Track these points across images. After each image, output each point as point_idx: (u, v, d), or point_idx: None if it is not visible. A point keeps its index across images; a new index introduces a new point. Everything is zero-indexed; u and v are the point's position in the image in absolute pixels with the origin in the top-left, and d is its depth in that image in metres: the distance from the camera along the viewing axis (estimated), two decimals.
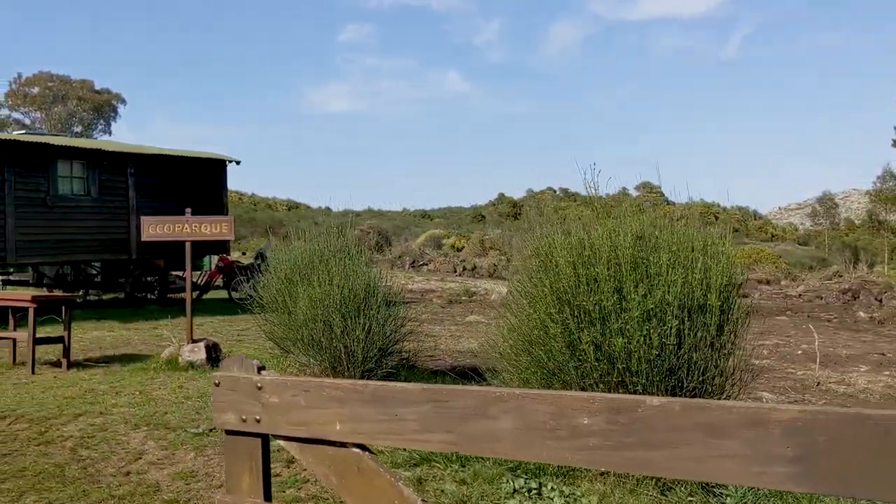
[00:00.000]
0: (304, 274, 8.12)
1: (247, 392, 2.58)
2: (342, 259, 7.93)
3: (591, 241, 4.83)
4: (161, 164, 16.32)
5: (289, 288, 8.31)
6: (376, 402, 2.29)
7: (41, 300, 9.35)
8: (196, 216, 10.10)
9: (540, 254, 5.09)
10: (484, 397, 2.10)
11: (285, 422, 2.49)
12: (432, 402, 2.19)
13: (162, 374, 9.07)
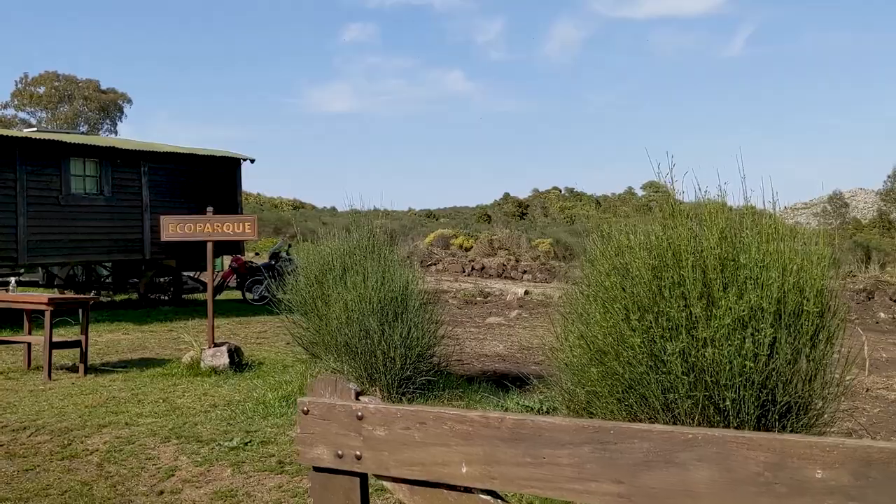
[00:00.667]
0: (337, 275, 7.68)
1: (344, 423, 2.14)
2: (377, 260, 7.50)
3: (672, 241, 4.39)
4: (175, 163, 15.89)
5: (319, 290, 7.87)
6: (517, 440, 1.85)
7: (58, 302, 8.93)
8: (218, 215, 9.68)
9: (612, 255, 4.65)
10: (668, 439, 1.67)
11: (394, 460, 2.05)
12: (594, 442, 1.75)
13: (184, 381, 8.65)
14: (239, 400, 7.59)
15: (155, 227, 15.26)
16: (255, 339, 12.57)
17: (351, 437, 2.12)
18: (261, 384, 8.27)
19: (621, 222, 5.04)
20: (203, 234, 9.56)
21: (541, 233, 40.91)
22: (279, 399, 7.32)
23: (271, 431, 6.12)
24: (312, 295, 7.92)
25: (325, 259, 8.00)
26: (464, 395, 7.27)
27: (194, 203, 15.73)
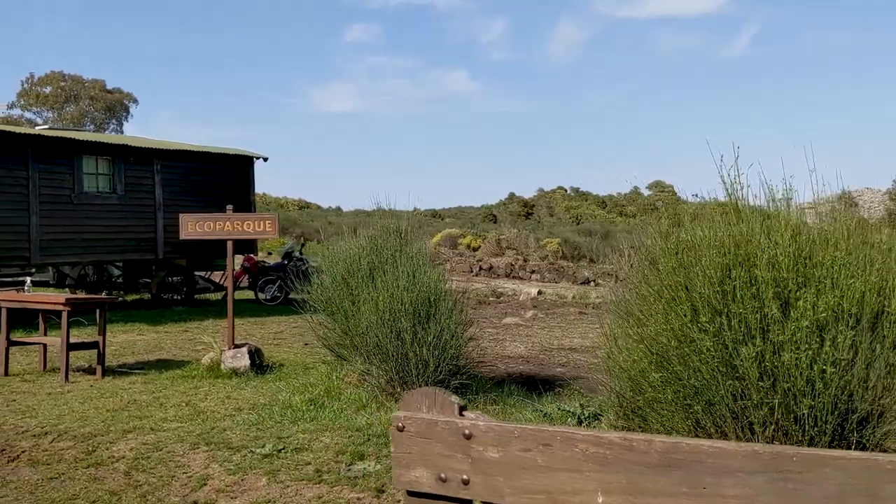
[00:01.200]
0: (364, 275, 7.42)
1: (448, 441, 1.87)
2: (407, 259, 7.23)
3: (742, 237, 4.11)
4: (188, 161, 15.62)
5: (345, 290, 7.61)
6: (670, 466, 1.58)
7: (76, 303, 8.66)
8: (238, 213, 9.43)
9: (676, 253, 4.37)
10: (869, 468, 1.40)
11: (510, 487, 1.78)
12: (771, 471, 1.47)
13: (205, 383, 8.38)
14: (264, 403, 7.32)
15: (168, 226, 15.03)
16: (271, 339, 12.30)
17: (457, 459, 1.85)
18: (284, 387, 8.01)
19: (686, 221, 4.75)
20: (223, 232, 9.30)
21: (549, 232, 40.61)
22: (306, 402, 7.05)
23: (304, 437, 5.85)
24: (339, 295, 7.66)
25: (352, 258, 7.73)
26: (498, 398, 7.00)
27: (208, 202, 15.45)
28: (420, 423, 1.91)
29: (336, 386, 7.42)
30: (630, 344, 4.57)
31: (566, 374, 9.87)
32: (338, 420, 6.43)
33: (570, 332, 14.22)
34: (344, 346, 7.68)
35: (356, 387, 7.34)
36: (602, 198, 66.90)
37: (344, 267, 7.66)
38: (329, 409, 6.84)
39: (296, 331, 13.41)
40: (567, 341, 12.99)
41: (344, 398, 7.10)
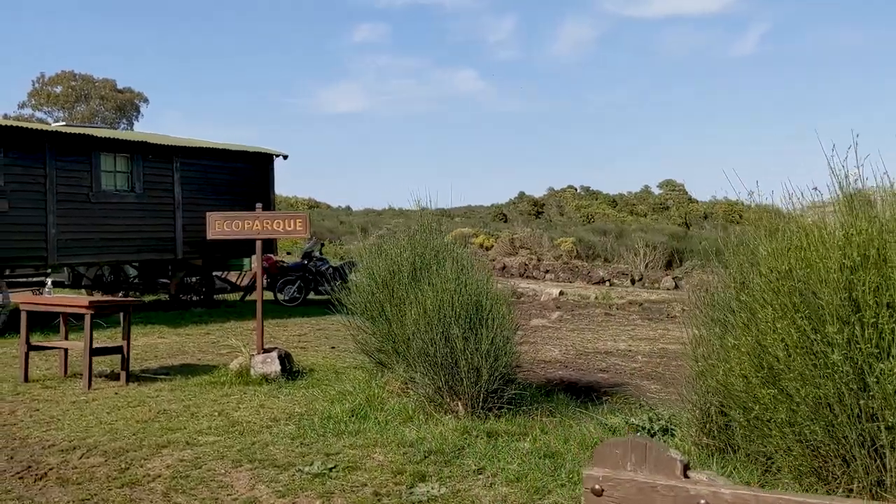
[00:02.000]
0: (406, 277, 6.94)
1: None
2: (453, 260, 6.76)
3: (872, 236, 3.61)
4: (207, 158, 15.16)
5: (386, 293, 7.13)
6: None
7: (99, 306, 8.21)
8: (267, 212, 8.98)
9: (790, 254, 3.87)
10: None
11: None
12: None
13: (236, 390, 7.92)
14: (301, 413, 6.86)
15: (187, 225, 14.58)
16: (296, 342, 11.84)
17: None
18: (320, 395, 7.54)
19: (807, 216, 4.26)
20: (252, 231, 8.84)
21: (562, 232, 40.10)
22: (347, 413, 6.58)
23: (353, 454, 5.38)
24: (379, 298, 7.18)
25: (393, 258, 7.26)
26: (554, 410, 6.51)
27: (227, 200, 15.00)
28: (628, 487, 1.42)
29: (377, 395, 6.94)
30: (731, 355, 4.07)
31: (609, 381, 9.39)
32: (385, 433, 5.96)
33: (601, 335, 13.73)
34: (385, 352, 7.21)
35: (399, 396, 6.87)
36: (612, 197, 66.35)
37: (385, 269, 7.18)
38: (373, 420, 6.37)
39: (320, 333, 12.96)
40: (601, 344, 12.50)
41: (387, 408, 6.63)
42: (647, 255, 35.84)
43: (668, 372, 10.06)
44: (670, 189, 68.10)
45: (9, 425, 6.38)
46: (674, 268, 36.04)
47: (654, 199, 66.48)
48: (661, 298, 22.86)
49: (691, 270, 34.78)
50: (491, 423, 6.00)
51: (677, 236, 38.49)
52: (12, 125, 12.09)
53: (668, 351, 12.00)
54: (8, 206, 12.05)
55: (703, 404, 4.72)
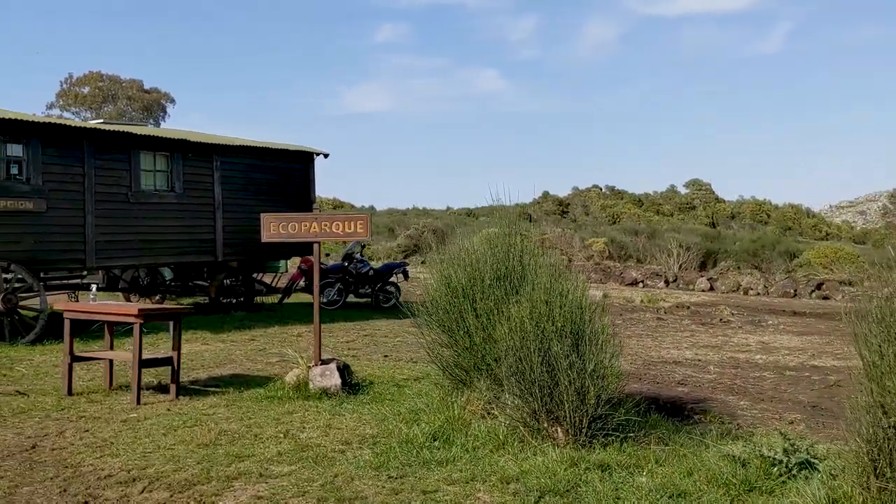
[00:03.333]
0: (494, 285, 6.23)
1: None
2: (544, 265, 6.04)
3: None
4: (247, 157, 14.52)
5: (466, 303, 6.43)
6: None
7: (149, 314, 7.56)
8: (326, 213, 8.30)
9: None
10: None
11: None
12: None
13: (296, 406, 7.24)
14: (374, 435, 6.16)
15: (227, 226, 13.97)
16: (345, 350, 11.16)
17: None
18: (389, 413, 6.85)
19: None
20: (310, 234, 8.17)
21: (592, 232, 39.22)
22: (427, 437, 5.88)
23: (454, 492, 4.67)
24: (458, 308, 6.47)
25: (473, 264, 6.54)
26: (666, 437, 5.76)
27: (268, 200, 14.36)
28: None
29: (458, 416, 6.22)
30: None
31: (691, 395, 8.63)
32: (479, 464, 5.25)
33: (660, 342, 12.96)
34: (464, 367, 6.50)
35: (484, 417, 6.15)
36: (638, 196, 65.38)
37: (465, 276, 6.47)
38: (459, 445, 5.67)
39: (367, 339, 12.29)
40: (665, 352, 11.74)
41: (473, 432, 5.91)
42: (680, 256, 34.97)
43: (751, 385, 9.29)
44: (697, 188, 67.05)
45: (59, 449, 5.73)
46: (708, 268, 35.17)
47: (681, 198, 65.47)
48: (704, 301, 22.03)
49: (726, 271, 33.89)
50: (599, 454, 5.27)
51: (710, 236, 37.57)
52: (50, 122, 11.52)
53: (739, 360, 11.23)
54: (46, 206, 11.46)
55: (877, 438, 3.97)
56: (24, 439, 5.97)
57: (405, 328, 13.69)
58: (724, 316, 17.97)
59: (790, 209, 64.86)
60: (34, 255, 11.36)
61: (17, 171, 11.31)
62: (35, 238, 11.36)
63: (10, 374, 8.85)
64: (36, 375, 8.84)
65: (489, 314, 6.19)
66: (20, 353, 10.21)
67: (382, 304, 16.65)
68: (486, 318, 6.24)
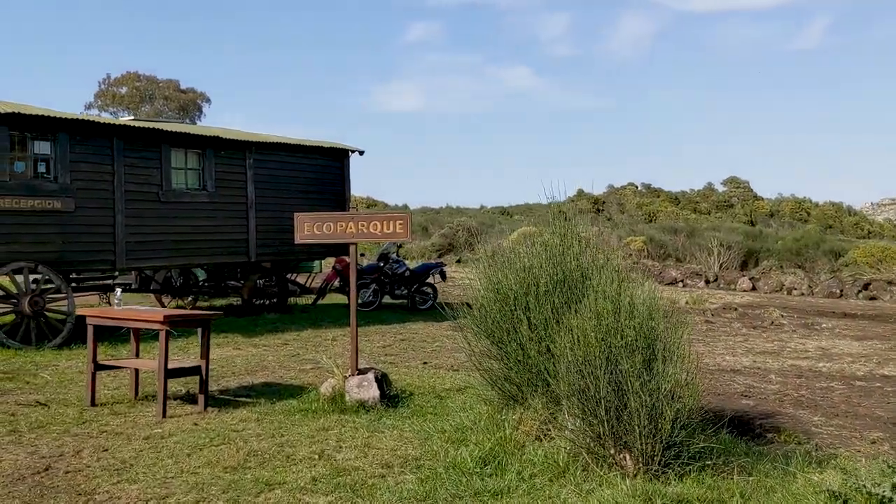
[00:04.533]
0: (550, 293, 5.58)
1: None
2: (609, 271, 5.38)
3: None
4: (281, 154, 13.98)
5: (520, 313, 5.78)
6: None
7: (175, 320, 7.02)
8: (363, 213, 7.73)
9: None
10: None
11: None
12: None
13: (331, 421, 6.65)
14: (417, 457, 5.55)
15: (260, 225, 13.46)
16: (382, 355, 10.57)
17: None
18: (433, 430, 6.23)
19: None
20: (346, 234, 7.58)
21: (630, 230, 38.28)
22: (477, 461, 5.25)
23: None
24: (510, 317, 5.83)
25: (526, 270, 5.89)
26: (749, 466, 5.06)
27: (302, 199, 13.83)
28: None
29: (510, 436, 5.58)
30: None
31: (758, 410, 7.90)
32: (537, 496, 4.61)
33: (713, 347, 12.19)
34: (516, 382, 5.85)
35: (539, 439, 5.51)
36: (674, 194, 64.11)
37: (517, 282, 5.83)
38: (513, 473, 5.03)
39: (404, 344, 11.69)
40: (720, 359, 10.98)
41: (527, 457, 5.27)
42: (720, 255, 33.95)
43: (820, 398, 8.53)
44: (734, 186, 65.60)
45: (73, 472, 5.19)
46: (749, 268, 34.13)
47: (718, 196, 64.10)
48: (750, 301, 21.12)
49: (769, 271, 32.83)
50: (676, 486, 4.60)
51: (752, 235, 36.45)
52: (79, 118, 11.07)
53: (801, 368, 10.44)
54: (74, 205, 11.02)
55: None
56: (38, 459, 5.45)
57: (443, 332, 13.09)
58: (775, 318, 17.10)
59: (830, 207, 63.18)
60: (62, 256, 10.93)
61: (45, 170, 10.89)
62: (63, 238, 10.93)
63: (33, 382, 8.39)
64: (60, 383, 8.38)
65: (545, 324, 5.54)
66: (46, 357, 9.78)
67: (419, 306, 16.06)
68: (541, 328, 5.59)
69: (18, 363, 9.35)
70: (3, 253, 10.29)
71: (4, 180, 10.31)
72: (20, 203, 10.42)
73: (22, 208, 10.45)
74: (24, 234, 10.50)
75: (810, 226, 53.28)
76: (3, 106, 10.29)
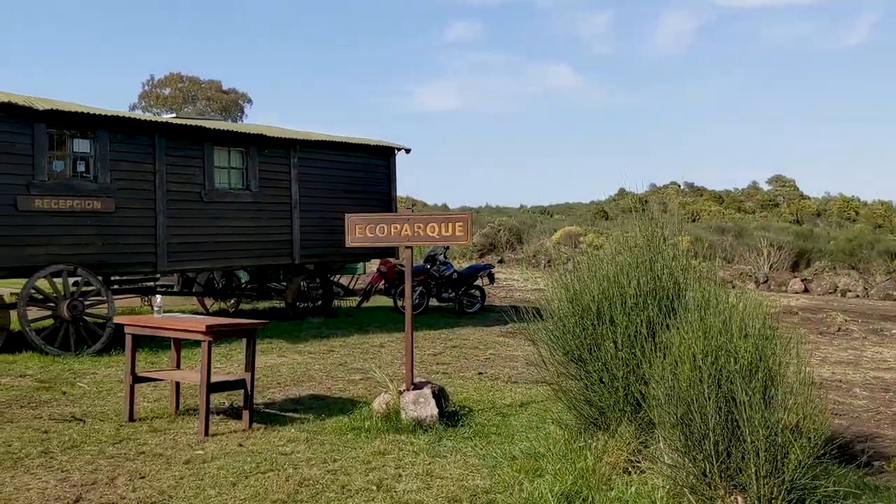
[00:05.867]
0: (632, 306, 4.86)
1: None
2: (712, 282, 4.66)
3: None
4: (326, 152, 13.39)
5: (605, 328, 5.07)
6: None
7: (219, 330, 6.43)
8: (420, 214, 7.06)
9: None
10: None
11: None
12: None
13: (387, 443, 6.00)
14: (487, 489, 4.88)
15: (305, 226, 12.91)
16: (433, 364, 9.92)
17: None
18: (500, 455, 5.55)
19: None
20: (401, 238, 6.93)
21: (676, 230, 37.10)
22: (559, 497, 4.55)
23: None
24: (592, 332, 5.12)
25: (610, 278, 5.18)
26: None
27: (348, 198, 13.25)
28: None
29: (593, 468, 4.88)
30: None
31: (853, 431, 7.07)
32: None
33: None
34: (598, 405, 5.14)
35: (627, 472, 4.79)
36: (718, 193, 62.63)
37: (599, 290, 5.11)
38: None
39: (456, 352, 11.01)
40: None
41: (617, 494, 4.56)
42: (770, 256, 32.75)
43: None
44: (780, 185, 63.92)
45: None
46: (801, 269, 32.91)
47: (763, 195, 62.49)
48: (807, 305, 20.09)
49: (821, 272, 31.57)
50: None
51: (802, 235, 35.14)
52: (119, 115, 10.57)
53: (886, 381, 9.56)
54: (114, 205, 10.54)
55: None
56: (68, 489, 4.87)
57: (495, 337, 12.41)
58: (840, 323, 16.12)
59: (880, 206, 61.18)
60: (102, 259, 10.45)
61: (84, 169, 10.42)
62: (103, 240, 10.45)
63: (70, 392, 7.88)
64: (98, 393, 7.85)
65: (633, 341, 4.83)
66: (85, 365, 9.29)
67: (466, 309, 15.39)
68: (629, 346, 4.88)
69: (56, 371, 8.87)
70: (42, 255, 9.84)
71: (43, 180, 9.85)
72: (59, 203, 9.96)
73: (60, 209, 9.99)
74: (63, 236, 10.04)
75: (860, 225, 51.56)
76: (41, 102, 9.83)
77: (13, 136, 9.59)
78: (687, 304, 4.59)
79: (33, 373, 8.74)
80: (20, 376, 8.57)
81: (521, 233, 42.22)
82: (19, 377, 8.52)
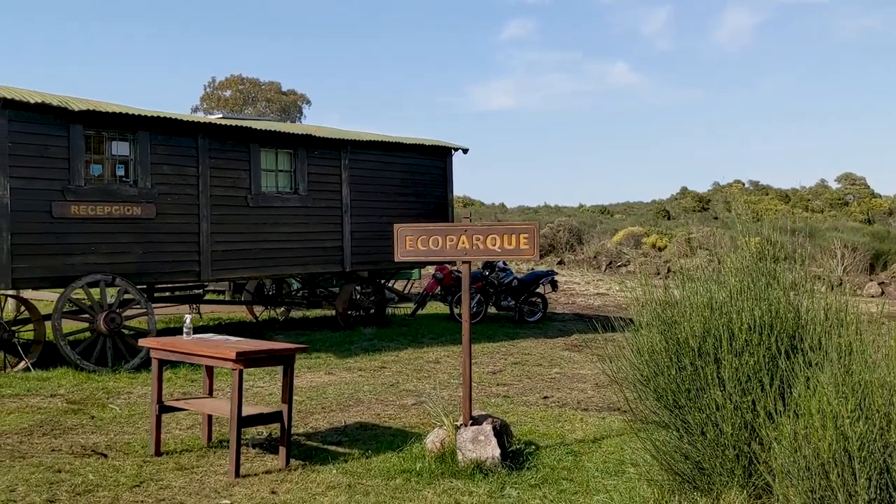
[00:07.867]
0: (755, 344, 3.87)
1: None
2: (848, 314, 3.64)
3: None
4: (378, 154, 12.59)
5: (709, 366, 4.09)
6: None
7: (251, 358, 5.62)
8: (478, 225, 6.16)
9: None
10: None
11: None
12: None
13: (441, 492, 5.12)
14: None
15: (356, 232, 12.12)
16: (492, 384, 8.99)
17: None
18: None
19: None
20: (457, 251, 6.03)
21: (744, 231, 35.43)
22: None
23: None
24: (692, 375, 4.14)
25: (714, 307, 4.18)
26: None
27: (401, 202, 12.45)
28: None
29: None
30: None
31: None
32: None
33: None
34: (697, 461, 4.16)
35: None
36: (785, 192, 60.19)
37: (699, 322, 4.13)
38: None
39: (517, 369, 10.06)
40: None
41: None
42: (845, 257, 30.91)
43: None
44: (849, 183, 61.13)
45: None
46: (877, 271, 31.02)
47: (831, 193, 59.83)
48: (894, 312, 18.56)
49: None
50: None
51: (879, 236, 33.13)
52: (160, 116, 9.91)
53: None
54: (155, 211, 9.89)
55: None
56: None
57: (559, 352, 11.42)
58: None
59: None
60: (142, 268, 9.81)
61: (124, 172, 9.79)
62: (143, 248, 9.81)
63: (99, 416, 7.21)
64: (128, 418, 7.17)
65: (745, 388, 3.84)
66: (120, 382, 8.64)
67: (527, 318, 14.41)
68: (739, 394, 3.89)
69: (89, 390, 8.23)
70: (78, 264, 9.23)
71: (79, 185, 9.25)
72: (96, 209, 9.35)
73: (98, 215, 9.37)
74: (101, 244, 9.42)
75: None
76: (78, 103, 9.22)
77: (47, 139, 9.00)
78: (820, 345, 3.59)
79: (65, 392, 8.12)
80: (51, 396, 7.96)
81: (581, 233, 40.95)
82: (50, 397, 7.91)
